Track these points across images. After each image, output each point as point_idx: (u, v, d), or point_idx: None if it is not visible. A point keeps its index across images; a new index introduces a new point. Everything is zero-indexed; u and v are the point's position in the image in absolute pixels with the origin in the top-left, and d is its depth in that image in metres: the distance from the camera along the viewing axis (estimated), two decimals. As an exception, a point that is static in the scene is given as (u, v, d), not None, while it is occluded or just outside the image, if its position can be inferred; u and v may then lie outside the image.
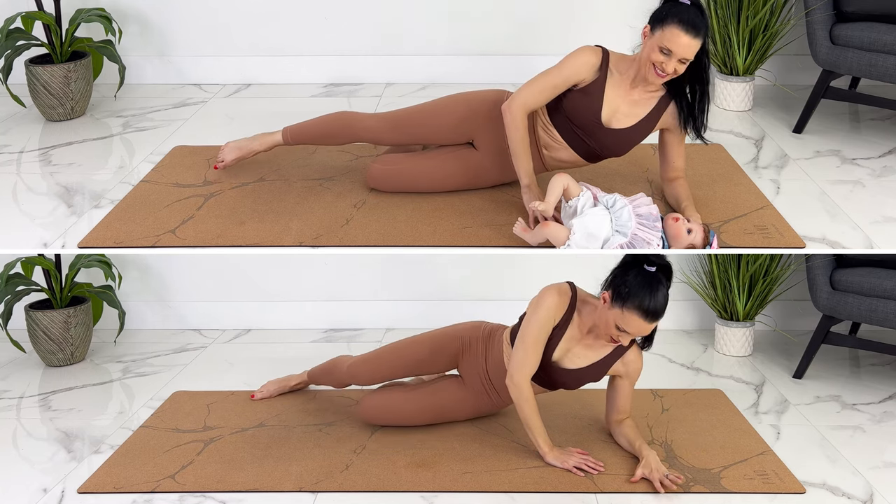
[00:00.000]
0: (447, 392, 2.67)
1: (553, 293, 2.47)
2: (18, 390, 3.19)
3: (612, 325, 2.36)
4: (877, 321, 2.99)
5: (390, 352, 2.76)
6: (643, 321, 2.31)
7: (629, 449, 2.55)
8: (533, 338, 2.45)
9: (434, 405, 2.67)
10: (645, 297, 2.29)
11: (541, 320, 2.44)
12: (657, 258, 2.35)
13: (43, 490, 2.41)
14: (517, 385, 2.46)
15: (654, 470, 2.38)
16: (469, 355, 2.64)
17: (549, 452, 2.48)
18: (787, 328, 3.87)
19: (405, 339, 2.78)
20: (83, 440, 2.74)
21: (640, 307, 2.29)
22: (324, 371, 2.93)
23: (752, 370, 3.36)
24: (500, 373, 2.58)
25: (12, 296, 3.38)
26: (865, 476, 2.46)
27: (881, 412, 2.93)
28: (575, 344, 2.51)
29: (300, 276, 3.90)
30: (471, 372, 2.64)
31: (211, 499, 2.35)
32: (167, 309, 3.94)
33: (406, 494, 2.36)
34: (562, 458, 2.47)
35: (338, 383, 2.89)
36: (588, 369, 2.54)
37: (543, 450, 2.49)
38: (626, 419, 2.63)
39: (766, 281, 3.42)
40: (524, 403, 2.46)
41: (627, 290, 2.31)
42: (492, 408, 2.72)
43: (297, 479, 2.43)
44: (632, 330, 2.34)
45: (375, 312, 3.89)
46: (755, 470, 2.48)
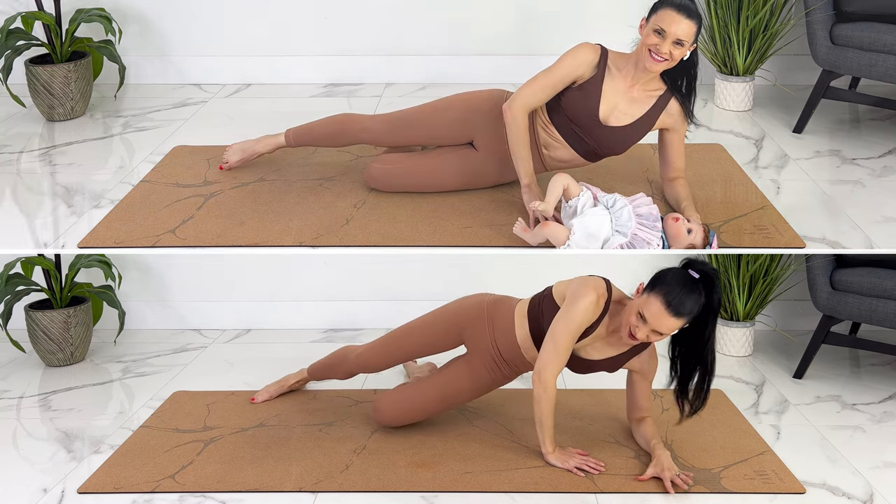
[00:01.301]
0: (460, 376, 2.63)
1: (592, 294, 2.42)
2: (18, 390, 3.19)
3: (633, 312, 2.34)
4: (877, 321, 2.99)
5: (398, 337, 2.75)
6: (664, 310, 2.28)
7: (645, 447, 2.56)
8: (566, 339, 2.42)
9: (450, 392, 2.65)
10: (675, 289, 2.29)
11: (577, 322, 2.42)
12: (703, 266, 2.34)
13: (43, 490, 2.41)
14: (544, 382, 2.43)
15: (665, 469, 2.39)
16: (475, 331, 2.62)
17: (552, 453, 2.48)
18: (787, 328, 3.87)
19: (411, 323, 2.76)
20: (83, 440, 2.74)
21: (666, 296, 2.28)
22: (327, 365, 2.92)
23: (752, 370, 3.36)
24: (509, 345, 2.57)
25: (12, 296, 3.38)
26: (865, 476, 2.46)
27: (881, 412, 2.93)
28: (597, 340, 2.52)
29: (300, 276, 3.89)
30: (479, 348, 2.62)
31: (211, 499, 2.35)
32: (167, 309, 3.94)
33: (406, 494, 2.36)
34: (563, 458, 2.47)
35: (345, 374, 2.87)
36: (602, 362, 2.54)
37: (548, 448, 2.49)
38: (647, 417, 2.64)
39: (766, 281, 3.42)
40: (545, 402, 2.44)
41: (662, 281, 2.32)
42: (506, 380, 2.69)
43: (297, 479, 2.43)
44: (650, 316, 2.30)
45: (375, 312, 3.88)
46: (755, 470, 2.48)
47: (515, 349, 2.57)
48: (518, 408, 2.94)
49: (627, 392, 2.66)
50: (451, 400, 2.66)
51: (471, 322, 2.63)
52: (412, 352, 2.73)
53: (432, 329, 2.68)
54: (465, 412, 2.89)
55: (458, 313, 2.67)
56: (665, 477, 2.36)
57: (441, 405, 2.67)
